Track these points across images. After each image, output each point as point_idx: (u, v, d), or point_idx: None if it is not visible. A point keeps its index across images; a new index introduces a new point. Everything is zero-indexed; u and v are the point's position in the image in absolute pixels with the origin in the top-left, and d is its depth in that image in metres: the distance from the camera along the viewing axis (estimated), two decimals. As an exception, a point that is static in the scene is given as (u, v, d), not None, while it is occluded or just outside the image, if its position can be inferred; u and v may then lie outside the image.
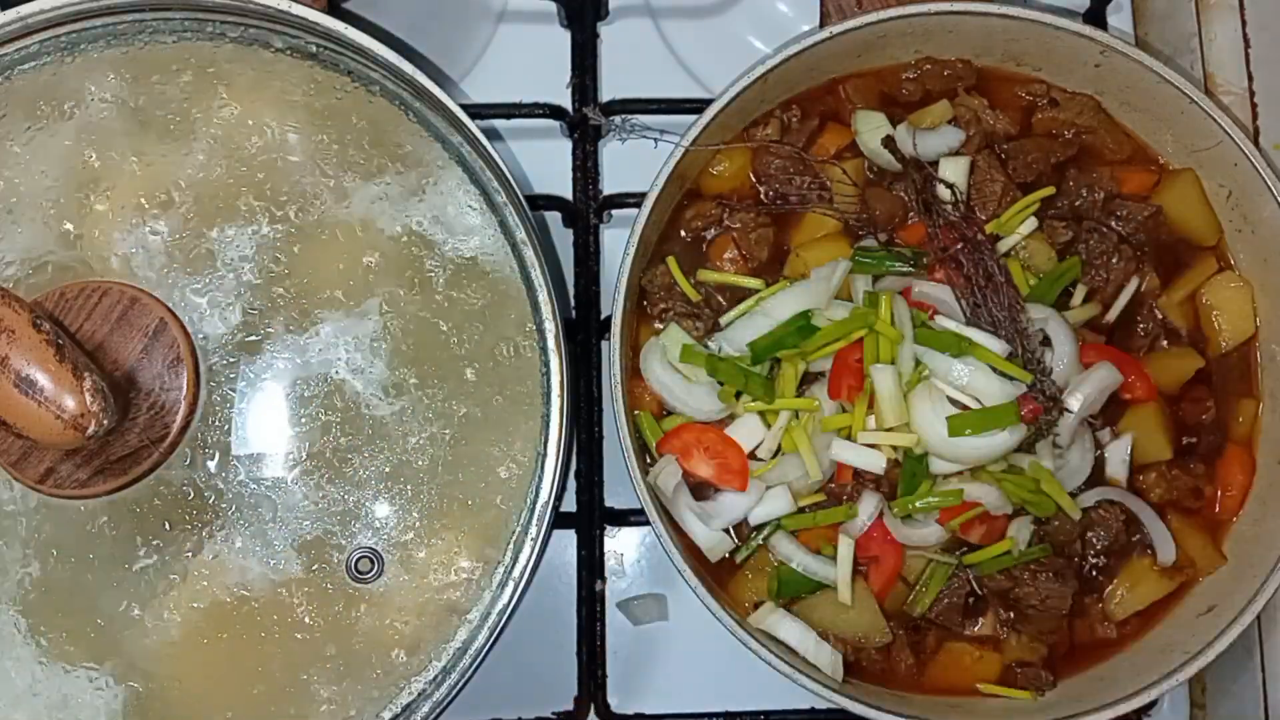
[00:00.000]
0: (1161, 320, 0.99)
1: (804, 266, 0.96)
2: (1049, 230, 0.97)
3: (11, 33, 0.84)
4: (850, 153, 1.00)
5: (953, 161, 0.96)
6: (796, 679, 0.87)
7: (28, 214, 0.82)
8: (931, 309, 0.92)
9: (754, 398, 0.91)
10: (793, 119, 1.00)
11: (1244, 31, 1.09)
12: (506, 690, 1.02)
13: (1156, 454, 0.96)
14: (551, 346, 0.83)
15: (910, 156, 0.97)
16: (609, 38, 1.15)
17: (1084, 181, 0.99)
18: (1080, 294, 0.97)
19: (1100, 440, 0.95)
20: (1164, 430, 0.96)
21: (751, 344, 0.92)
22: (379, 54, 0.85)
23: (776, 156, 0.99)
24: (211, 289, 0.82)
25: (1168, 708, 1.06)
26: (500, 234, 0.85)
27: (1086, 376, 0.92)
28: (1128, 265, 0.98)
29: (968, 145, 0.98)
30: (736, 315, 0.95)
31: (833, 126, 1.01)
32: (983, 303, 0.91)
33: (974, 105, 1.00)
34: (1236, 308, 0.99)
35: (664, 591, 1.07)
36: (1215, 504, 0.98)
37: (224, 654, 0.80)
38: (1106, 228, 0.98)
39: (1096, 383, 0.91)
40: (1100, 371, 0.92)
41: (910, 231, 0.97)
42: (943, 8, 0.95)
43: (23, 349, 0.69)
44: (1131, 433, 0.95)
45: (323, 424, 0.82)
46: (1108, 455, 0.96)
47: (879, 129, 0.98)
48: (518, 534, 0.82)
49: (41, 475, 0.77)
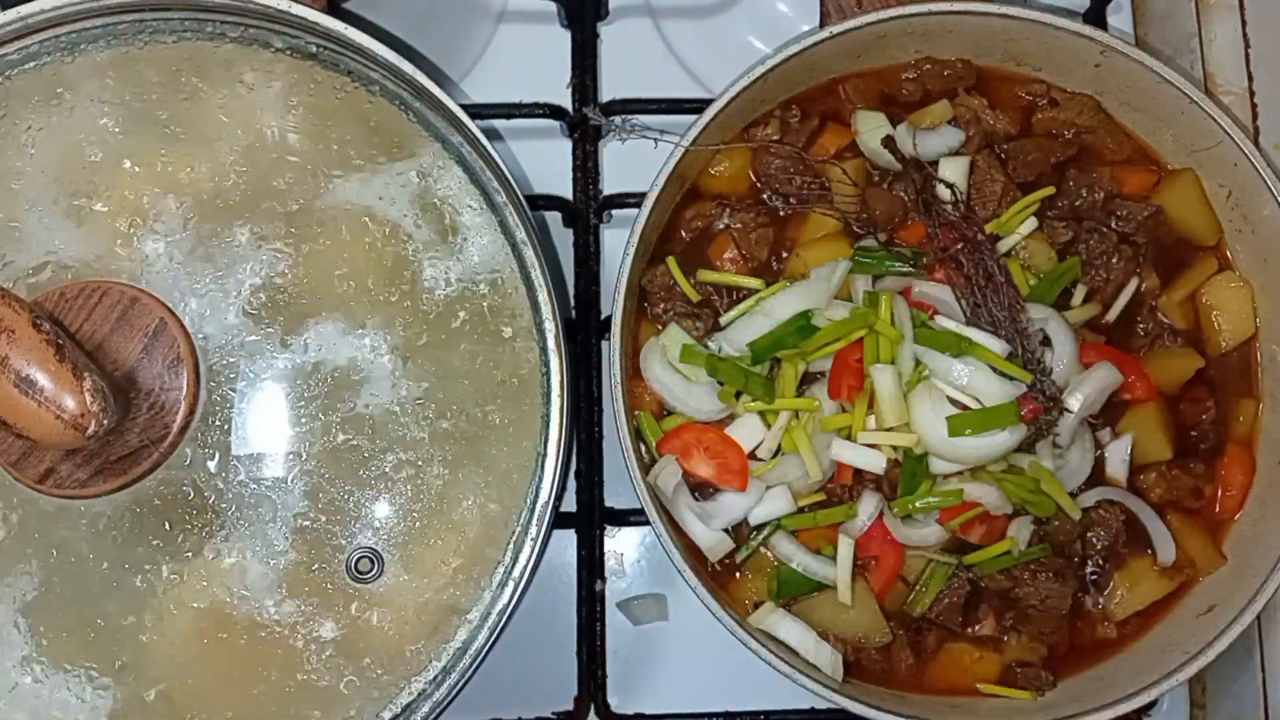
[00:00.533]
0: (1161, 320, 0.99)
1: (804, 266, 0.96)
2: (1049, 230, 0.97)
3: (11, 33, 0.84)
4: (850, 152, 1.00)
5: (953, 161, 0.96)
6: (796, 679, 0.87)
7: (28, 214, 0.82)
8: (931, 309, 0.92)
9: (754, 398, 0.91)
10: (793, 119, 1.00)
11: (1244, 31, 1.09)
12: (506, 690, 1.02)
13: (1156, 454, 0.96)
14: (551, 346, 0.83)
15: (910, 156, 0.97)
16: (609, 38, 1.15)
17: (1084, 181, 0.99)
18: (1080, 294, 0.97)
19: (1100, 440, 0.96)
20: (1164, 430, 0.96)
21: (751, 344, 0.92)
22: (379, 54, 0.85)
23: (777, 156, 0.99)
24: (211, 289, 0.82)
25: (1168, 708, 1.06)
26: (500, 234, 0.85)
27: (1086, 376, 0.92)
28: (1128, 265, 0.98)
29: (967, 145, 0.98)
30: (736, 315, 0.95)
31: (833, 126, 1.01)
32: (983, 302, 0.91)
33: (974, 105, 1.00)
34: (1236, 308, 0.99)
35: (664, 591, 1.07)
36: (1215, 504, 0.98)
37: (224, 654, 0.80)
38: (1106, 228, 0.98)
39: (1097, 382, 0.92)
40: (1100, 371, 0.92)
41: (910, 231, 0.97)
42: (943, 8, 0.95)
43: (23, 349, 0.69)
44: (1131, 433, 0.96)
45: (322, 424, 0.82)
46: (1108, 455, 0.96)
47: (879, 129, 0.98)
48: (518, 534, 0.82)
49: (41, 475, 0.77)
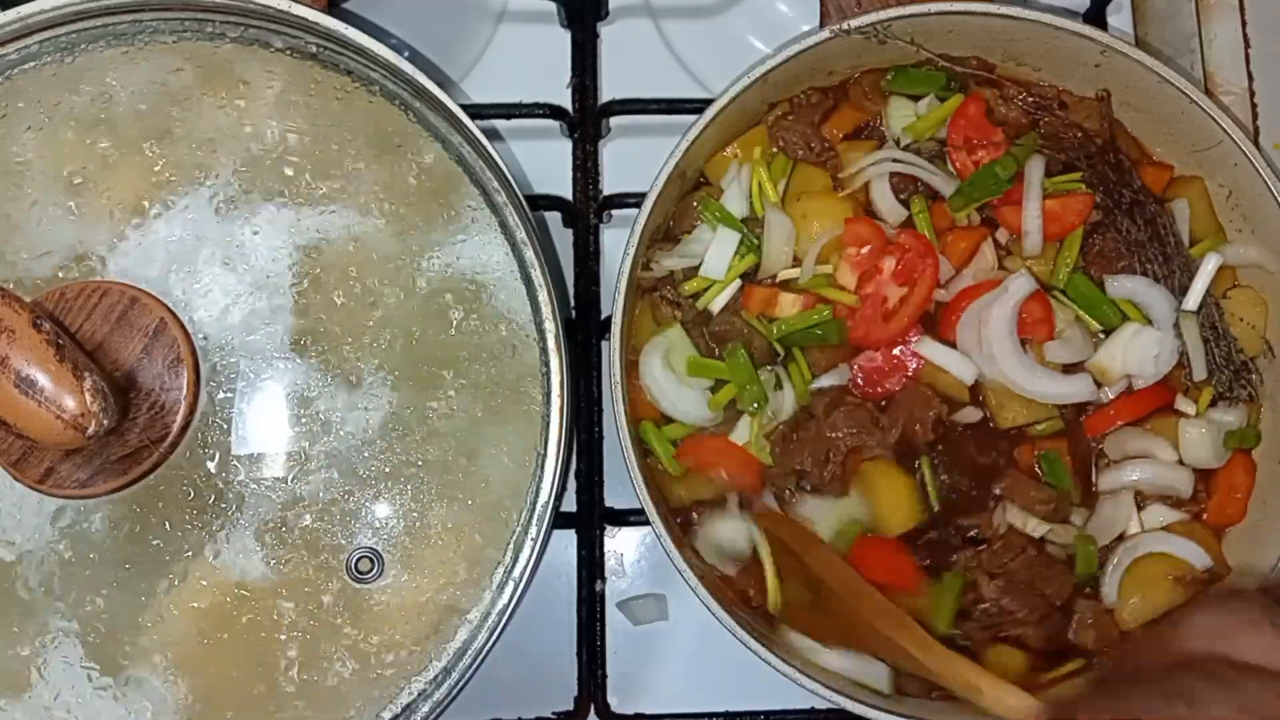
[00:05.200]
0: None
1: (802, 216, 0.96)
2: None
3: (11, 33, 0.84)
4: (861, 135, 1.00)
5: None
6: (796, 679, 0.86)
7: (27, 214, 0.82)
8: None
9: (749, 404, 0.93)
10: (809, 97, 1.00)
11: (1244, 31, 1.09)
12: (506, 690, 1.02)
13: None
14: (551, 346, 0.83)
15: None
16: (609, 38, 1.15)
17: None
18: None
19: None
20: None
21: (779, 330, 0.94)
22: (379, 54, 0.85)
23: (793, 130, 0.99)
24: (212, 289, 0.82)
25: (1167, 708, 1.06)
26: (500, 234, 0.85)
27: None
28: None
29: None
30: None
31: (845, 109, 1.01)
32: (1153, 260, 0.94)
33: (987, 96, 1.00)
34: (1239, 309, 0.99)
35: (664, 591, 1.07)
36: (1217, 508, 0.97)
37: (224, 654, 0.80)
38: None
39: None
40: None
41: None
42: (943, 8, 0.95)
43: (23, 349, 0.69)
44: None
45: (323, 424, 0.82)
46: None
47: (908, 116, 0.99)
48: (518, 534, 0.82)
49: (41, 475, 0.77)
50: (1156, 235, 0.96)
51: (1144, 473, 0.94)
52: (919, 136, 0.98)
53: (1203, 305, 0.95)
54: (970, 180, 0.95)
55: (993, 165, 0.94)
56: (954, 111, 0.97)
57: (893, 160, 0.96)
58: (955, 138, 0.97)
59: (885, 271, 0.93)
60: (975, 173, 0.95)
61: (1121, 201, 0.97)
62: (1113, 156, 0.98)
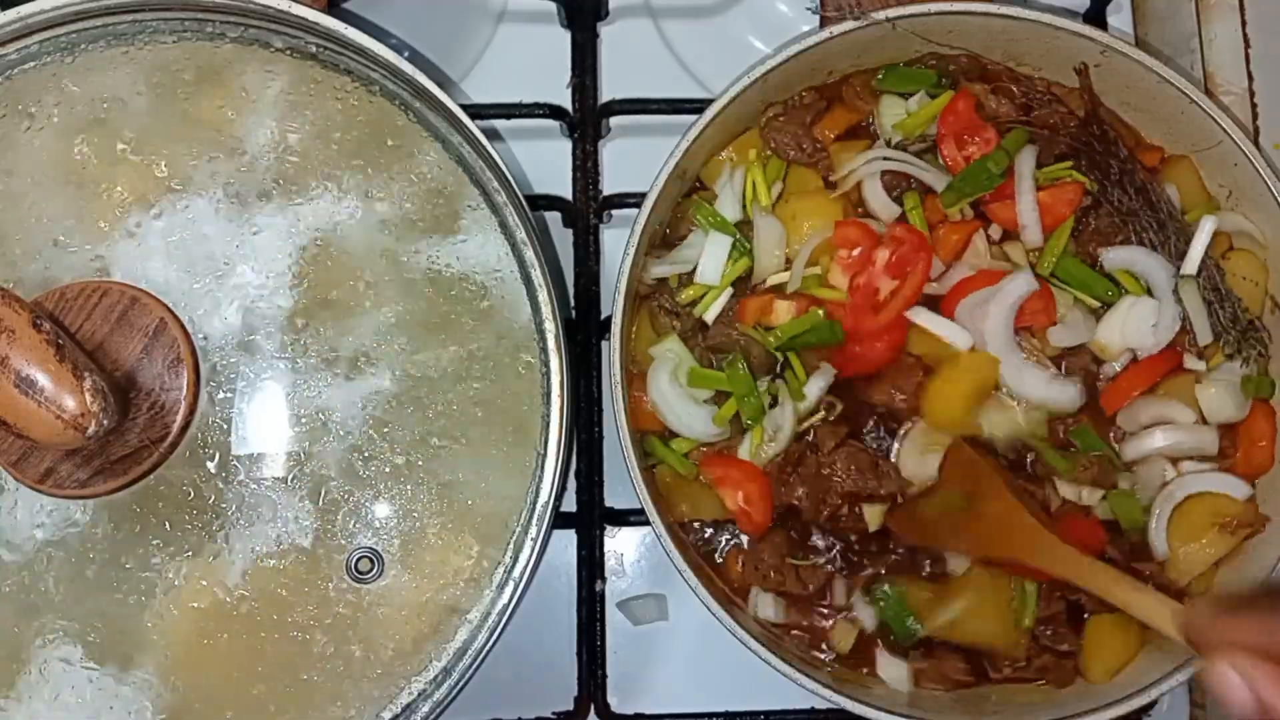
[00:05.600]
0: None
1: (791, 217, 0.96)
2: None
3: (12, 33, 0.84)
4: (852, 135, 1.00)
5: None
6: (796, 679, 0.87)
7: (28, 214, 0.82)
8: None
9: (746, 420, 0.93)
10: (803, 97, 1.01)
11: (1244, 31, 1.09)
12: (506, 690, 1.02)
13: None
14: (551, 346, 0.83)
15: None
16: (609, 38, 1.15)
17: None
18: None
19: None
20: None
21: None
22: (379, 54, 0.85)
23: (784, 132, 0.99)
24: (211, 289, 0.82)
25: (1168, 708, 1.06)
26: (500, 234, 0.85)
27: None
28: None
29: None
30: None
31: (839, 109, 1.01)
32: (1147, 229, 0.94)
33: (976, 91, 1.00)
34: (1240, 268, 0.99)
35: (664, 591, 1.07)
36: (1245, 459, 0.96)
37: (224, 654, 0.80)
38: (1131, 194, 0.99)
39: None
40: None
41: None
42: (943, 8, 0.95)
43: (23, 349, 0.69)
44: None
45: (323, 424, 0.82)
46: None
47: (899, 114, 0.99)
48: (518, 534, 0.82)
49: (41, 475, 0.77)
50: (1149, 203, 0.96)
51: (1168, 437, 0.93)
52: (910, 133, 0.98)
53: (1202, 268, 0.94)
54: (962, 175, 0.95)
55: (984, 160, 0.94)
56: (944, 107, 0.97)
57: (884, 159, 0.96)
58: (946, 133, 0.97)
59: (878, 263, 0.93)
60: (967, 168, 0.95)
61: (1110, 172, 0.97)
62: (1097, 129, 0.98)
